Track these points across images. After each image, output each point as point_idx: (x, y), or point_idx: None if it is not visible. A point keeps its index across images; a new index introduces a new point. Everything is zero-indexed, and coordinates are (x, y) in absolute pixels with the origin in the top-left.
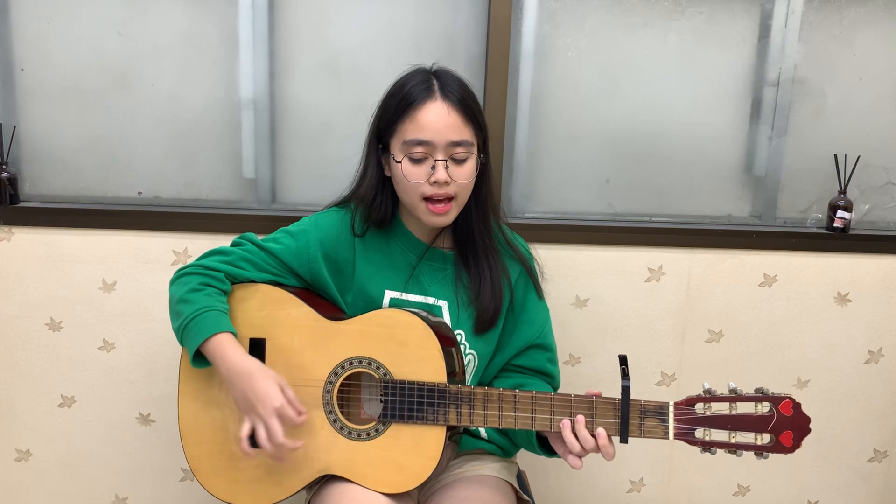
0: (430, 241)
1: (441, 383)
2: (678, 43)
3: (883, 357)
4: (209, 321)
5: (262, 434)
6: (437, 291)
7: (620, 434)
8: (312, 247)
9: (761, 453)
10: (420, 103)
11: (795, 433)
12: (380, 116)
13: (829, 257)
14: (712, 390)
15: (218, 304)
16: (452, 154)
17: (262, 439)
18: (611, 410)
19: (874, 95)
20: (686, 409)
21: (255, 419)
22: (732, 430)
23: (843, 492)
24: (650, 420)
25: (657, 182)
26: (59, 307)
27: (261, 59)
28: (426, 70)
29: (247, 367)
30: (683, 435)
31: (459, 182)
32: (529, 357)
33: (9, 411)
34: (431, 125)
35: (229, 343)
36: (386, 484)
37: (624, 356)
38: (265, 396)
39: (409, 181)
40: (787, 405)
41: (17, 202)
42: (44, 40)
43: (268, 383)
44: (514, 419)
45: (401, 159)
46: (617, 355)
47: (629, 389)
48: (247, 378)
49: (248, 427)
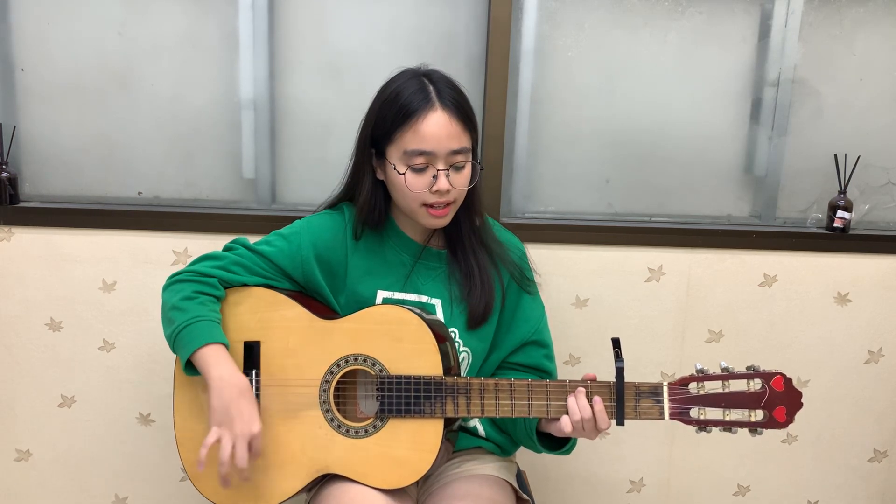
0: (425, 241)
1: (437, 376)
2: (678, 43)
3: (883, 357)
4: (201, 331)
5: (227, 450)
6: (431, 290)
7: (616, 416)
8: (305, 249)
9: (756, 429)
10: (421, 113)
11: (788, 408)
12: (375, 123)
13: (829, 257)
14: (705, 370)
15: (210, 314)
16: (453, 162)
17: (225, 456)
18: (606, 393)
19: (874, 95)
20: (680, 389)
21: (225, 435)
22: (726, 408)
23: (843, 492)
24: (645, 401)
25: (657, 182)
26: (59, 307)
27: (261, 59)
28: (418, 73)
29: (238, 382)
30: (678, 414)
31: (459, 188)
32: (526, 354)
33: (9, 411)
34: (433, 136)
35: (220, 354)
36: (385, 480)
37: (616, 339)
38: (249, 418)
39: (412, 191)
40: (779, 381)
41: (17, 202)
42: (44, 40)
43: (253, 407)
44: (511, 407)
45: (403, 171)
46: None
47: (623, 371)
48: (237, 394)
49: (213, 438)
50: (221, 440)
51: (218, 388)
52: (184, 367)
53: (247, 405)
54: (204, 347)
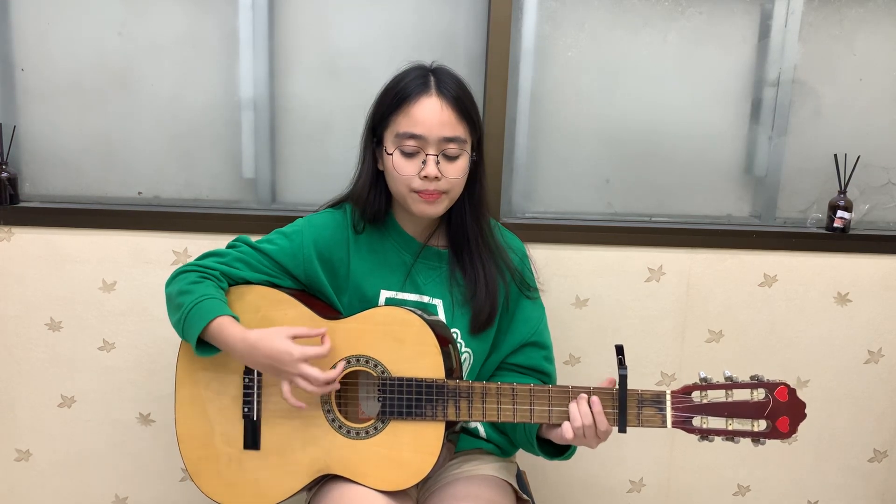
0: (425, 239)
1: (439, 379)
2: (678, 43)
3: (883, 357)
4: (210, 306)
5: (303, 385)
6: (432, 290)
7: (619, 423)
8: (307, 247)
9: (759, 440)
10: (414, 97)
11: (791, 419)
12: (375, 109)
13: (829, 257)
14: (708, 378)
15: (218, 294)
16: (444, 150)
17: (306, 389)
18: (608, 400)
19: (874, 95)
20: (683, 398)
21: (287, 378)
22: (729, 417)
23: (843, 492)
24: (648, 409)
25: (657, 182)
26: (59, 307)
27: (261, 59)
28: (425, 66)
29: (251, 338)
30: (681, 423)
31: (450, 179)
32: (525, 355)
33: (9, 411)
34: (424, 119)
35: (231, 323)
36: (386, 481)
37: (620, 346)
38: (282, 354)
39: (400, 174)
40: (783, 391)
41: (17, 202)
42: (44, 40)
43: (277, 341)
44: (513, 412)
45: (392, 151)
46: (614, 345)
47: (626, 378)
48: (257, 348)
49: (286, 388)
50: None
51: (242, 355)
52: (195, 348)
53: (270, 346)
54: (215, 321)
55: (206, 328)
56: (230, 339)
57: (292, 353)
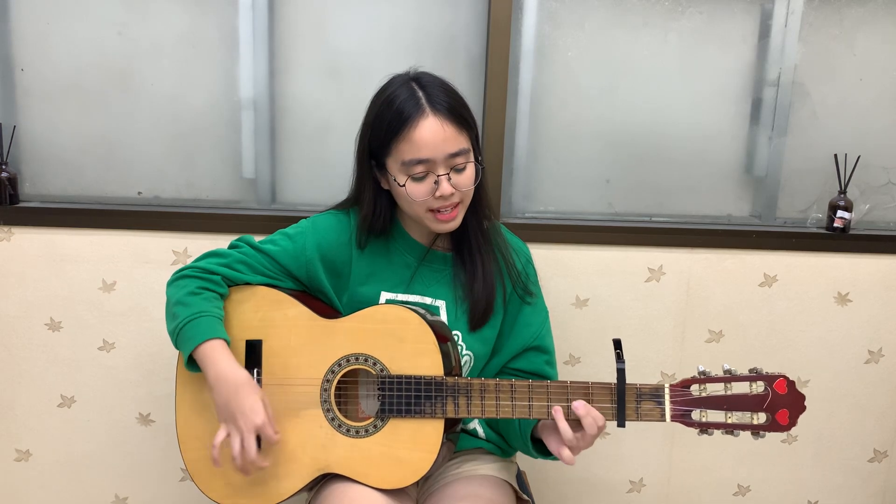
0: (430, 243)
1: (438, 376)
2: (678, 43)
3: (883, 357)
4: (203, 326)
5: (236, 447)
6: (436, 291)
7: (617, 418)
8: (310, 249)
9: (758, 433)
10: (413, 122)
11: (791, 411)
12: (371, 135)
13: (829, 257)
14: (707, 371)
15: (214, 310)
16: (453, 165)
17: (235, 451)
18: (607, 395)
19: (874, 95)
20: (682, 391)
21: (232, 430)
22: (728, 411)
23: (843, 492)
24: (647, 403)
25: (657, 182)
26: (59, 307)
27: (261, 59)
28: (407, 79)
29: (235, 377)
30: (680, 417)
31: (463, 190)
32: (527, 360)
33: (9, 411)
34: (428, 143)
35: (220, 350)
36: (386, 480)
37: (618, 340)
38: (249, 411)
39: (416, 199)
40: (782, 383)
41: (17, 202)
42: (44, 40)
43: (253, 398)
44: (512, 408)
45: (404, 182)
46: (612, 339)
47: (625, 372)
48: (234, 389)
49: (222, 435)
50: (230, 436)
51: (216, 385)
52: (186, 364)
53: (246, 398)
54: (205, 343)
55: (196, 349)
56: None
57: (256, 418)
